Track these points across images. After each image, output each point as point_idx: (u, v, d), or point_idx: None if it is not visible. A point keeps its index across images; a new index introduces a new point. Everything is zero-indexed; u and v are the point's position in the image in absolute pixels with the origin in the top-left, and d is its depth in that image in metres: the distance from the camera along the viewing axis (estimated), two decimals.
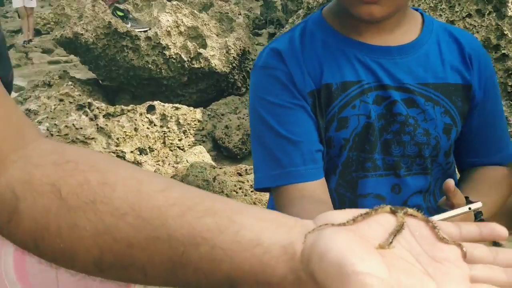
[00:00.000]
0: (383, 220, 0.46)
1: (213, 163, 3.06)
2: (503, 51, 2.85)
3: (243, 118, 3.50)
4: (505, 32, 2.82)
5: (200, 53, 4.08)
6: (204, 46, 4.15)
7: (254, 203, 2.67)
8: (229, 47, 4.22)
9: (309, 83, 1.03)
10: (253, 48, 4.66)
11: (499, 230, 0.47)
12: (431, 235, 0.46)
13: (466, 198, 0.94)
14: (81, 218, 0.46)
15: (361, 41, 1.05)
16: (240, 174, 2.85)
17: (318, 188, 1.02)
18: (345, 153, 1.05)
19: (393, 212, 0.47)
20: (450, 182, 0.92)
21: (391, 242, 0.43)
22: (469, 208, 0.86)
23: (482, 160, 1.13)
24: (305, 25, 1.12)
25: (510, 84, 2.90)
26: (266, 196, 2.47)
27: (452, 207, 0.92)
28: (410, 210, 0.49)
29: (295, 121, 1.04)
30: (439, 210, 0.94)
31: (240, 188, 2.74)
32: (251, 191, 2.73)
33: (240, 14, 4.71)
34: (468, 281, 0.42)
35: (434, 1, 2.89)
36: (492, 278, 0.43)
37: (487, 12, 2.83)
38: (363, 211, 0.47)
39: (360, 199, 1.07)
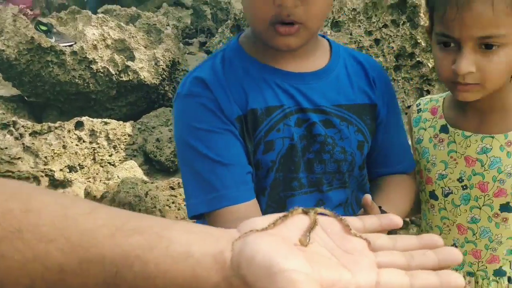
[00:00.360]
0: (298, 221, 0.51)
1: (145, 178, 3.04)
2: (417, 59, 3.01)
3: None
4: (419, 41, 2.98)
5: (128, 66, 4.04)
6: (132, 58, 4.11)
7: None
8: (158, 59, 4.20)
9: (236, 109, 1.08)
10: (183, 58, 4.66)
11: (396, 220, 0.54)
12: (341, 230, 0.52)
13: (380, 207, 1.02)
14: (8, 248, 0.46)
15: (279, 68, 1.12)
16: (172, 188, 2.84)
17: (251, 209, 1.06)
18: (272, 175, 1.11)
19: (305, 213, 0.53)
20: (368, 197, 1.01)
21: (309, 239, 0.48)
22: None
23: (389, 170, 1.24)
24: (224, 53, 1.16)
25: (425, 89, 3.06)
26: None
27: None
28: (319, 209, 0.55)
29: (225, 145, 1.07)
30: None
31: (173, 202, 2.74)
32: (185, 205, 2.74)
33: (168, 25, 4.70)
34: (375, 267, 0.48)
35: (352, 13, 3.01)
36: (394, 262, 0.49)
37: (402, 22, 2.98)
38: (281, 214, 0.52)
39: None
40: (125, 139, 3.46)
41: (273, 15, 1.01)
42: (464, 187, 1.14)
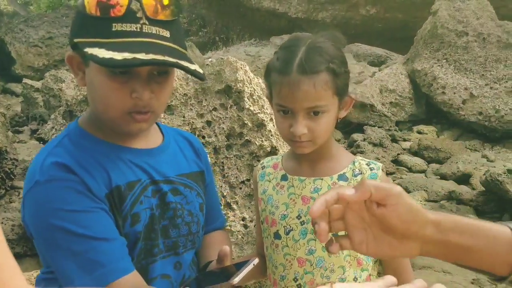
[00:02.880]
0: None
1: None
2: (246, 138, 3.27)
3: (2, 223, 3.27)
4: (246, 122, 3.26)
5: None
6: None
7: None
8: None
9: (102, 188, 1.12)
10: (12, 147, 4.43)
11: None
12: None
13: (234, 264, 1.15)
14: None
15: (127, 146, 1.20)
16: None
17: (137, 278, 1.10)
18: (139, 244, 1.16)
19: None
20: (227, 248, 1.12)
21: None
22: (253, 264, 1.08)
23: (211, 227, 1.41)
24: (70, 138, 1.18)
25: (255, 165, 3.32)
26: None
27: (224, 270, 1.12)
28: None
29: (102, 222, 1.10)
30: (214, 274, 1.14)
31: None
32: None
33: None
34: None
35: (184, 97, 3.21)
36: None
37: (229, 105, 3.25)
38: None
39: (151, 282, 1.17)
40: None
41: (130, 106, 1.10)
42: (302, 222, 1.34)
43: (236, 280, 1.04)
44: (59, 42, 9.87)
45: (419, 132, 6.21)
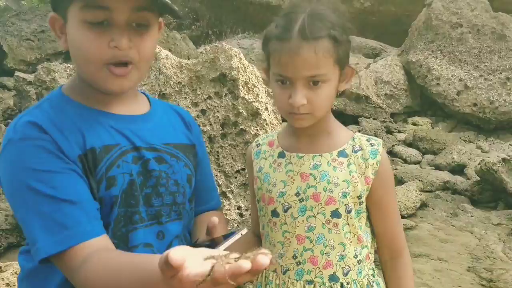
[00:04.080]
0: None
1: None
2: (241, 127, 3.26)
3: None
4: (240, 111, 3.25)
5: None
6: None
7: None
8: None
9: (75, 149, 1.11)
10: None
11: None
12: None
13: (222, 236, 1.14)
14: None
15: (109, 112, 1.18)
16: None
17: (106, 241, 1.08)
18: (116, 210, 1.14)
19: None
20: (215, 219, 1.11)
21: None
22: (241, 234, 1.06)
23: (205, 208, 1.38)
24: (51, 102, 1.18)
25: None
26: None
27: (213, 241, 1.10)
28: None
29: (70, 184, 1.07)
30: (203, 246, 1.12)
31: None
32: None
33: None
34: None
35: (178, 86, 3.19)
36: None
37: (224, 94, 3.23)
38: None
39: (132, 251, 1.15)
40: None
41: (109, 57, 1.09)
42: (301, 200, 1.32)
43: (221, 248, 1.02)
44: (51, 36, 9.78)
45: (414, 124, 6.19)
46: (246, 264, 0.67)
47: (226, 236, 1.11)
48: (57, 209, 1.04)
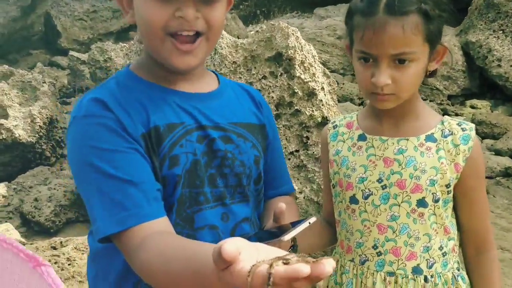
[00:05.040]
0: None
1: (23, 240, 2.82)
2: (296, 107, 3.19)
3: (54, 189, 3.31)
4: (296, 91, 3.17)
5: (1, 124, 3.80)
6: (6, 116, 3.88)
7: (73, 277, 2.52)
8: (34, 116, 4.01)
9: (139, 127, 1.08)
10: (62, 116, 4.49)
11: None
12: None
13: (290, 223, 1.08)
14: None
15: (176, 89, 1.14)
16: (54, 248, 2.66)
17: (164, 224, 1.04)
18: (179, 190, 1.11)
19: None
20: (283, 205, 1.05)
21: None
22: (309, 223, 1.01)
23: (276, 192, 1.31)
24: (117, 80, 1.16)
25: (305, 135, 3.24)
26: (84, 268, 2.34)
27: (280, 228, 1.05)
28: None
29: (132, 164, 1.05)
30: (269, 232, 1.07)
31: (55, 263, 2.56)
32: (68, 264, 2.57)
33: (44, 83, 4.52)
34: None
35: (233, 65, 3.14)
36: None
37: (279, 73, 3.17)
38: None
39: (198, 232, 1.12)
40: None
41: (173, 27, 1.06)
42: (384, 186, 1.23)
43: (287, 237, 0.96)
44: (103, 16, 9.95)
45: (472, 107, 5.96)
46: (305, 269, 0.59)
47: (294, 224, 1.06)
48: (117, 189, 1.02)
